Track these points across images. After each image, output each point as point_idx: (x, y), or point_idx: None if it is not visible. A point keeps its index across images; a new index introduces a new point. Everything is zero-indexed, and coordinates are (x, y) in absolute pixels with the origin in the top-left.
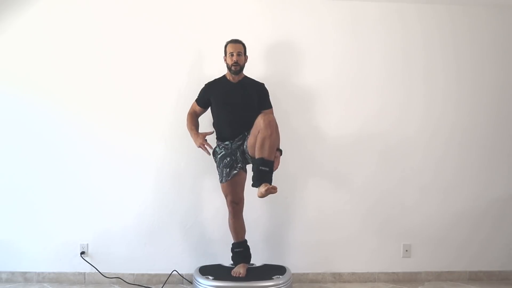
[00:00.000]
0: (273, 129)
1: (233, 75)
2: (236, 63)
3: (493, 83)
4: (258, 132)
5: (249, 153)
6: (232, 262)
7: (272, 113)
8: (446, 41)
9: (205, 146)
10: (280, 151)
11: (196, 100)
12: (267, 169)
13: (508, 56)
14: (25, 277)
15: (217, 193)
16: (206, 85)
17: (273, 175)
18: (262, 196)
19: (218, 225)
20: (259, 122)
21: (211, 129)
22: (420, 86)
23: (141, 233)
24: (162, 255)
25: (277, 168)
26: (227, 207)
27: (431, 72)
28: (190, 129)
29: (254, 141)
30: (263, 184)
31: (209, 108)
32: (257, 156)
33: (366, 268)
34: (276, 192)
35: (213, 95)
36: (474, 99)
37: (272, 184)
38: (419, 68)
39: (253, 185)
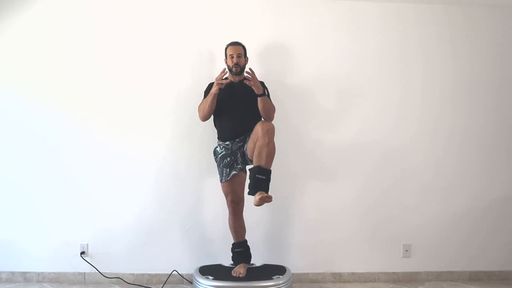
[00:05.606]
0: (271, 137)
1: (234, 76)
2: (236, 65)
3: (492, 83)
4: (257, 139)
5: (249, 156)
6: (232, 262)
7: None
8: (445, 41)
9: (221, 81)
10: (267, 94)
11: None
12: (264, 177)
13: (507, 56)
14: (25, 277)
15: (217, 193)
16: (209, 85)
17: (270, 181)
18: (258, 204)
19: (219, 225)
20: (258, 129)
21: (214, 130)
22: (419, 86)
23: (141, 233)
24: (162, 255)
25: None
26: (227, 207)
27: (430, 72)
28: (206, 100)
29: (253, 147)
30: (258, 192)
31: None
32: (254, 164)
33: (366, 268)
34: (271, 201)
35: None
36: (473, 99)
37: (271, 184)
38: (419, 67)
39: (249, 193)
